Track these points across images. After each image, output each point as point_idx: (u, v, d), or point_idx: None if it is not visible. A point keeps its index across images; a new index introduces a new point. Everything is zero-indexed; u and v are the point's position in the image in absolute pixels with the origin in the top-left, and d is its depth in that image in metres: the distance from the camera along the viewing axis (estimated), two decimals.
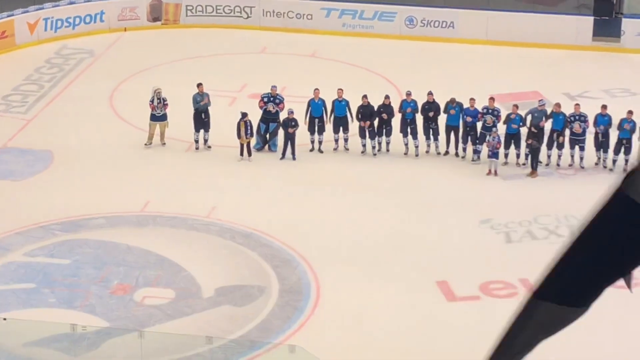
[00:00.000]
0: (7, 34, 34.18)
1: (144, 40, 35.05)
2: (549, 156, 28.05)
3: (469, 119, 28.00)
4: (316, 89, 28.24)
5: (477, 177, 27.62)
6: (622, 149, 27.89)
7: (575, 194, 26.43)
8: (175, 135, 27.90)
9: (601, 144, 27.97)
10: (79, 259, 23.60)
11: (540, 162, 27.84)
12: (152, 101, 27.38)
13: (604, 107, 28.30)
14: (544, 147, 27.82)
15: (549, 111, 28.40)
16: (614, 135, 27.97)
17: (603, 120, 27.87)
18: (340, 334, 21.03)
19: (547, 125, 28.20)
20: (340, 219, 25.02)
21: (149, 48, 34.24)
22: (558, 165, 28.08)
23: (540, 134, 27.65)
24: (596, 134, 27.99)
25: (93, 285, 22.72)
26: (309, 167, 27.58)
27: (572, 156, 28.20)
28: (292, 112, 27.90)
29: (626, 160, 27.85)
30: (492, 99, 28.29)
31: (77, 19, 35.27)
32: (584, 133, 27.90)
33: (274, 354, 20.61)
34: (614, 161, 27.97)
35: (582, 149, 28.01)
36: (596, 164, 28.17)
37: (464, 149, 28.33)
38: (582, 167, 28.12)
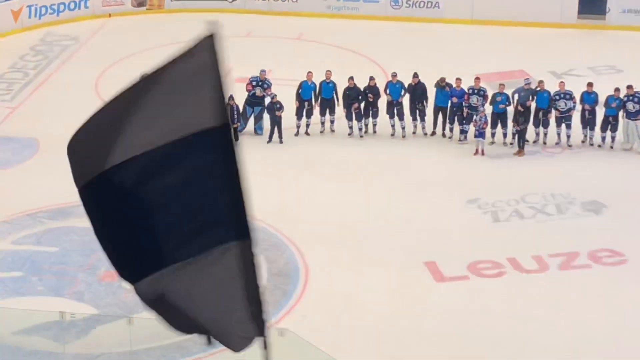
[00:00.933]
0: None
1: (129, 26, 35.29)
2: (536, 134, 28.26)
3: (455, 100, 28.15)
4: (309, 71, 28.57)
5: (465, 157, 27.82)
6: (609, 127, 28.03)
7: (562, 172, 26.86)
8: None
9: (588, 121, 28.16)
10: (67, 247, 23.72)
11: (527, 141, 27.98)
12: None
13: (590, 84, 28.47)
14: (530, 126, 27.98)
15: (535, 87, 28.47)
16: (600, 113, 28.08)
17: (589, 98, 28.04)
18: (329, 316, 21.10)
19: (534, 104, 28.29)
20: (328, 201, 25.19)
21: (133, 34, 34.54)
22: (544, 143, 28.33)
23: (526, 112, 27.81)
24: (583, 111, 28.14)
25: (81, 272, 22.78)
26: (296, 150, 27.82)
27: (559, 134, 28.26)
28: (275, 96, 28.19)
29: (613, 138, 28.02)
30: (477, 78, 28.51)
31: (62, 5, 35.37)
32: (569, 110, 28.02)
33: (263, 338, 20.66)
34: (603, 138, 28.13)
35: (568, 127, 28.21)
36: (582, 141, 28.30)
37: (451, 129, 28.49)
38: (569, 146, 28.25)
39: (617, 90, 28.08)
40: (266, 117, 28.67)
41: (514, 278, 22.81)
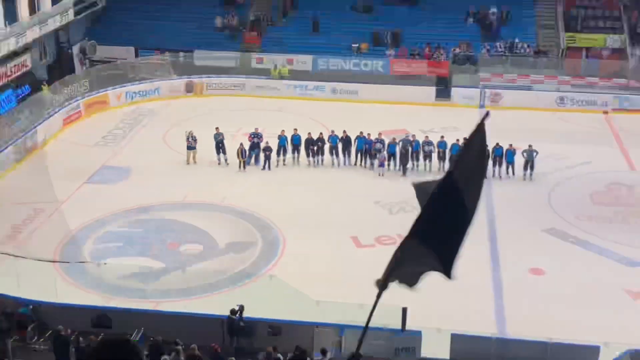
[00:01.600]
0: (105, 101, 34.11)
1: (182, 104, 34.81)
2: (412, 165, 27.92)
3: (366, 146, 28.11)
4: (282, 129, 28.33)
5: (373, 178, 27.61)
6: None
7: None
8: (204, 157, 28.02)
9: (441, 157, 27.75)
10: (148, 229, 23.99)
11: (407, 169, 27.81)
12: (187, 138, 27.75)
13: (442, 137, 28.11)
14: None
15: (412, 139, 28.28)
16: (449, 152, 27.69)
17: (442, 144, 27.85)
18: (297, 268, 21.20)
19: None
20: (297, 202, 25.23)
21: (185, 108, 33.99)
22: (417, 169, 28.01)
23: (407, 153, 27.74)
24: (438, 152, 27.89)
25: (156, 243, 23.12)
26: (278, 174, 27.73)
27: (425, 165, 27.98)
28: (267, 143, 27.96)
29: None
30: (380, 133, 28.32)
31: (144, 92, 35.10)
32: (430, 152, 27.82)
33: (260, 280, 21.00)
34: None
35: (430, 160, 27.92)
36: (438, 169, 27.60)
37: (365, 162, 28.41)
38: (430, 171, 27.69)
39: (457, 140, 27.26)
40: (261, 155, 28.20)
41: None
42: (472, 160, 4.61)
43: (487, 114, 4.49)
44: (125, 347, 2.98)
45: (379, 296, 4.55)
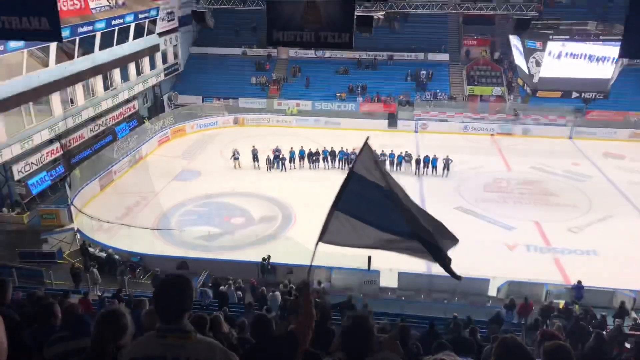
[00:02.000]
0: (183, 129, 34.01)
1: (231, 131, 34.71)
2: None
3: (345, 156, 27.73)
4: (292, 147, 28.22)
5: None
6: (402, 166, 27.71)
7: None
8: (245, 164, 27.88)
9: (391, 163, 27.31)
10: (211, 208, 23.75)
11: None
12: (234, 153, 27.73)
13: (392, 150, 27.73)
14: None
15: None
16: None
17: (392, 155, 27.40)
18: (303, 232, 20.59)
19: None
20: (302, 191, 24.87)
21: (233, 134, 33.86)
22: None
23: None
24: (389, 160, 27.43)
25: (216, 217, 22.99)
26: (291, 174, 27.59)
27: (391, 169, 27.76)
28: (284, 155, 27.97)
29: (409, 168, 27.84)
30: (354, 148, 27.71)
31: (208, 124, 35.10)
32: (385, 160, 27.31)
33: (280, 240, 20.88)
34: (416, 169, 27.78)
35: (385, 165, 27.50)
36: (390, 170, 27.08)
37: (346, 166, 27.64)
38: (393, 172, 27.66)
39: (400, 152, 27.77)
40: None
41: None
42: (367, 160, 4.48)
43: (367, 137, 4.46)
44: (181, 280, 2.84)
45: (315, 249, 4.27)
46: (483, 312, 15.48)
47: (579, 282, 16.41)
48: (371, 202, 4.47)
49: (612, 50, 19.00)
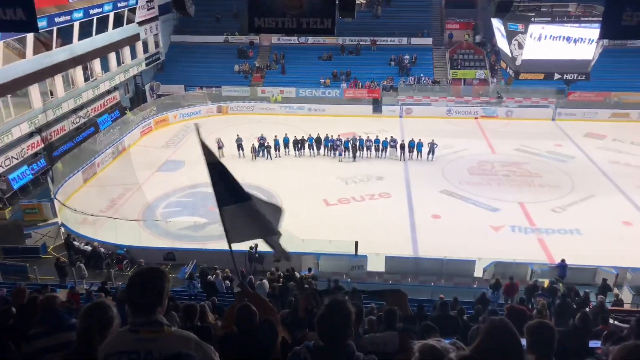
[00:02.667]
0: (166, 119, 33.67)
1: (215, 120, 34.34)
2: (359, 155, 27.76)
3: (331, 143, 27.90)
4: (276, 135, 28.08)
5: (335, 163, 27.33)
6: (387, 151, 27.78)
7: (369, 168, 26.68)
8: (229, 153, 27.58)
9: (377, 149, 27.50)
10: (196, 198, 23.47)
11: (356, 156, 27.49)
12: (217, 142, 27.36)
13: (377, 136, 27.97)
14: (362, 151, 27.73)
15: (358, 138, 28.22)
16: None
17: (377, 140, 27.57)
18: (290, 220, 20.97)
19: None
20: (288, 178, 24.89)
21: (217, 122, 33.48)
22: (362, 157, 27.79)
23: (356, 147, 27.53)
24: (375, 145, 27.56)
25: (201, 207, 22.66)
26: (276, 162, 27.51)
27: (368, 154, 27.63)
28: (268, 143, 27.85)
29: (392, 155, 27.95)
30: (339, 135, 28.26)
31: (191, 113, 34.73)
32: (370, 146, 27.69)
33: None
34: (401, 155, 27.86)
35: (370, 150, 27.67)
36: (376, 156, 27.51)
37: (331, 153, 28.03)
38: (370, 157, 27.59)
39: (385, 137, 27.83)
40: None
41: (355, 204, 22.82)
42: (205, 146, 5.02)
43: (196, 124, 4.93)
44: (153, 272, 2.77)
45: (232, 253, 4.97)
46: (469, 293, 15.70)
47: (563, 260, 16.68)
48: (229, 181, 5.02)
49: (593, 31, 19.11)
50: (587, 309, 11.37)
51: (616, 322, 9.99)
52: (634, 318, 5.07)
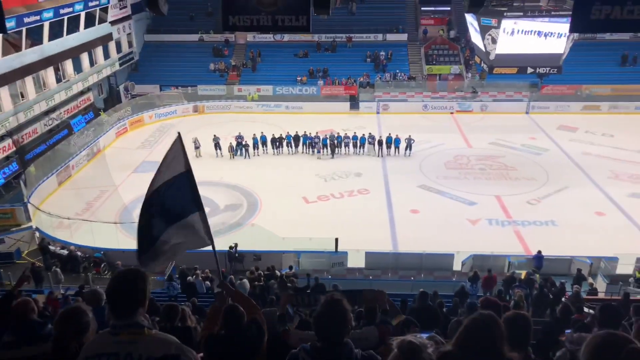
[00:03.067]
0: (142, 120, 33.27)
1: (191, 119, 34.15)
2: (337, 151, 27.78)
3: (309, 140, 27.93)
4: (254, 133, 28.01)
5: (313, 160, 27.40)
6: (364, 147, 27.88)
7: (349, 165, 26.78)
8: (207, 153, 27.46)
9: (355, 145, 27.68)
10: None
11: (334, 153, 27.58)
12: (194, 142, 27.15)
13: (355, 132, 28.00)
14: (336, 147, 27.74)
15: (336, 135, 28.26)
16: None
17: (355, 137, 27.52)
18: (269, 219, 20.93)
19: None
20: (267, 177, 24.85)
21: (193, 122, 33.32)
22: (340, 154, 27.86)
23: (334, 144, 27.64)
24: (353, 142, 27.75)
25: None
26: (255, 161, 27.36)
27: (346, 150, 27.75)
28: (246, 141, 27.71)
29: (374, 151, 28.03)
30: (317, 132, 28.29)
31: (166, 113, 34.39)
32: (348, 142, 27.80)
33: (246, 227, 20.60)
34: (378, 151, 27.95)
35: (348, 147, 27.79)
36: (354, 152, 27.68)
37: (310, 151, 28.03)
38: (348, 154, 27.73)
39: (363, 134, 27.99)
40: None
41: (334, 201, 22.83)
42: (170, 160, 5.05)
43: (178, 133, 4.97)
44: (133, 274, 2.76)
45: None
46: (449, 286, 15.83)
47: (539, 252, 16.97)
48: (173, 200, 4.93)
49: (564, 26, 19.46)
50: (564, 299, 11.60)
51: (591, 311, 10.20)
52: (598, 306, 5.17)
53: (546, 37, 20.40)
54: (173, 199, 4.96)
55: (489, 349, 2.51)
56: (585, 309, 10.40)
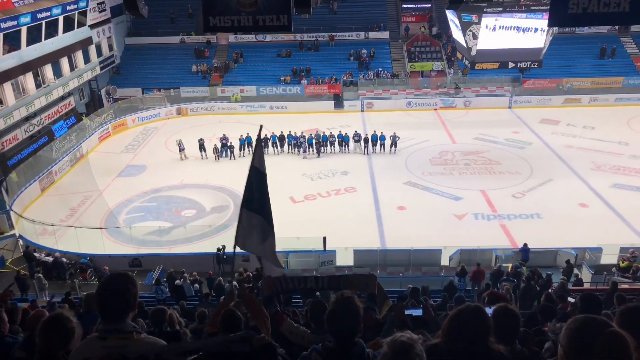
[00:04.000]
0: (124, 123, 32.94)
1: (175, 122, 33.97)
2: (323, 150, 27.88)
3: (294, 140, 27.91)
4: (241, 134, 27.85)
5: (299, 160, 27.30)
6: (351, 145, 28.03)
7: (335, 163, 26.80)
8: (191, 154, 27.41)
9: (340, 144, 27.72)
10: (160, 203, 23.22)
11: (320, 152, 27.63)
12: (179, 144, 27.08)
13: (340, 131, 28.03)
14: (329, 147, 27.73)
15: (321, 134, 28.27)
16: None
17: (340, 135, 27.54)
18: None
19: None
20: None
21: (176, 123, 33.24)
22: (326, 152, 27.88)
23: (319, 143, 27.66)
24: (338, 141, 27.75)
25: (165, 211, 22.46)
26: (239, 162, 27.08)
27: (331, 149, 27.76)
28: (231, 143, 27.61)
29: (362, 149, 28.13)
30: (302, 132, 28.27)
31: (150, 116, 34.13)
32: (334, 141, 27.81)
33: (234, 229, 20.62)
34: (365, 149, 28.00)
35: (333, 146, 27.77)
36: (339, 151, 27.64)
37: (295, 150, 28.01)
38: (334, 153, 27.73)
39: (346, 133, 28.09)
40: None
41: (321, 200, 22.86)
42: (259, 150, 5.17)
43: (260, 126, 5.21)
44: (122, 278, 2.77)
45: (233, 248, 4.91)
46: (437, 281, 15.97)
47: (525, 244, 17.16)
48: (261, 192, 5.22)
49: (543, 21, 19.70)
50: (550, 290, 11.74)
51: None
52: (579, 296, 5.26)
53: (526, 32, 20.64)
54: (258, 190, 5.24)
55: (475, 340, 2.55)
56: (571, 299, 10.55)
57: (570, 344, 2.17)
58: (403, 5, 40.48)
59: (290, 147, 28.02)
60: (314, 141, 27.65)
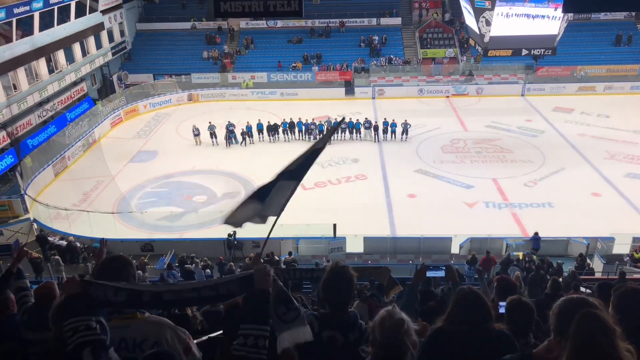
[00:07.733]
0: (136, 109, 33.05)
1: (186, 108, 34.02)
2: (335, 136, 27.79)
3: (305, 127, 27.79)
4: (248, 121, 27.96)
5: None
6: (362, 132, 27.95)
7: (346, 151, 26.77)
8: (205, 140, 27.47)
9: (350, 132, 27.56)
10: (171, 188, 23.38)
11: (331, 140, 27.63)
12: (193, 130, 27.17)
13: (350, 118, 27.91)
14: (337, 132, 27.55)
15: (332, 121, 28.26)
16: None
17: (350, 123, 27.49)
18: None
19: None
20: (263, 164, 24.34)
21: (188, 111, 33.24)
22: (337, 140, 27.81)
23: (332, 129, 27.49)
24: (348, 128, 27.60)
25: (177, 196, 22.62)
26: (251, 148, 27.27)
27: (342, 137, 27.55)
28: (242, 129, 27.59)
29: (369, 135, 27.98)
30: (313, 118, 28.23)
31: (161, 102, 34.21)
32: (345, 128, 27.63)
33: None
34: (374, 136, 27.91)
35: (344, 133, 27.61)
36: (350, 138, 27.54)
37: (306, 137, 27.80)
38: (344, 140, 27.62)
39: (357, 120, 27.91)
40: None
41: (332, 187, 22.86)
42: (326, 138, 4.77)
43: (343, 118, 4.90)
44: (119, 260, 2.89)
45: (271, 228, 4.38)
46: None
47: (536, 233, 17.09)
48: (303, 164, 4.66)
49: (558, 7, 19.38)
50: (559, 278, 11.69)
51: (588, 290, 10.30)
52: (597, 284, 5.25)
53: (540, 18, 20.33)
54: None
55: (477, 322, 2.66)
56: (582, 289, 10.50)
57: (554, 325, 2.30)
58: None
59: (301, 134, 27.98)
60: (324, 128, 27.53)
